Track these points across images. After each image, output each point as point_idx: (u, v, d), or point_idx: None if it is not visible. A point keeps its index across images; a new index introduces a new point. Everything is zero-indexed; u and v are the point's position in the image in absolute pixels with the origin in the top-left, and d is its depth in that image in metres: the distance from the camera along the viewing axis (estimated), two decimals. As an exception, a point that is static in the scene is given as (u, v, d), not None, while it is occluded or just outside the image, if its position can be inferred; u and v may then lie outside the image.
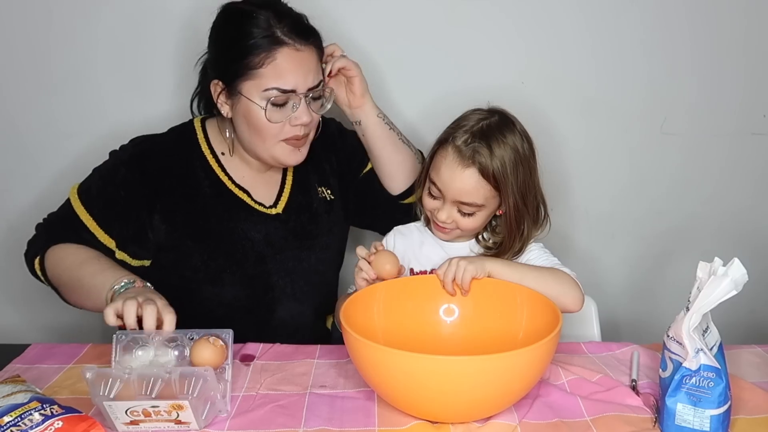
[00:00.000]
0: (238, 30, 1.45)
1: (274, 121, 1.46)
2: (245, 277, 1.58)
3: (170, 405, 1.11)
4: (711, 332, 1.17)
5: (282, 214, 1.62)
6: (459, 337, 1.40)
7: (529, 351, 1.12)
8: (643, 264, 2.14)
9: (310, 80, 1.47)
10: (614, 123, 2.00)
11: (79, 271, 1.44)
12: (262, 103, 1.45)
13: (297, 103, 1.47)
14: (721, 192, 2.08)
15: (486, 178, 1.40)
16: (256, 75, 1.44)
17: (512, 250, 1.50)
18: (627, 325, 2.16)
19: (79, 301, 1.47)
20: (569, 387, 1.29)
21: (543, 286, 1.35)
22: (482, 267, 1.36)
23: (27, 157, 1.96)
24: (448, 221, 1.46)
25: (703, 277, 1.12)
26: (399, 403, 1.20)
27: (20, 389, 1.16)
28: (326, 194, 1.69)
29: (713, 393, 1.10)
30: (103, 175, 1.56)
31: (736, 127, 2.02)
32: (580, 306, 1.39)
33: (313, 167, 1.67)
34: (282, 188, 1.64)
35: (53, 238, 1.52)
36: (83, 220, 1.52)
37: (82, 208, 1.52)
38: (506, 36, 1.92)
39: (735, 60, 1.96)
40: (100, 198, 1.53)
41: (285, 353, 1.43)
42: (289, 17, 1.46)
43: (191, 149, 1.60)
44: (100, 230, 1.51)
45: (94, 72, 1.89)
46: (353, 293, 1.38)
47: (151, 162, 1.56)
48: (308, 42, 1.47)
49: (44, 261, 1.50)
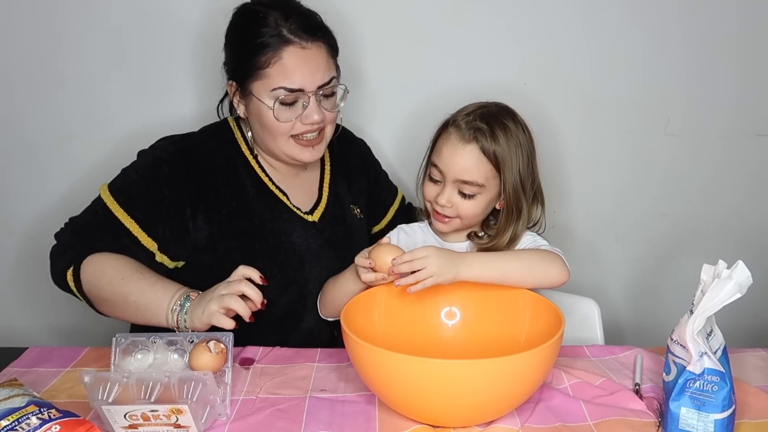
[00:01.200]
0: (247, 30, 1.46)
1: (283, 121, 1.47)
2: (285, 281, 1.55)
3: (169, 409, 1.11)
4: (715, 335, 1.17)
5: (318, 223, 1.62)
6: (460, 340, 1.40)
7: (532, 354, 1.12)
8: (647, 266, 2.14)
9: (319, 78, 1.47)
10: (617, 124, 2.01)
11: (125, 287, 1.37)
12: (270, 102, 1.46)
13: (306, 102, 1.47)
14: (726, 193, 2.08)
15: (487, 155, 1.42)
16: (264, 75, 1.45)
17: (506, 236, 1.49)
18: (630, 328, 2.16)
19: (122, 316, 1.41)
20: (572, 391, 1.29)
21: (527, 270, 1.36)
22: (453, 273, 1.32)
23: (31, 157, 1.97)
24: (448, 205, 1.45)
25: (707, 280, 1.12)
26: (400, 407, 1.20)
27: (17, 393, 1.16)
28: (356, 212, 1.70)
29: (717, 397, 1.10)
30: (143, 175, 1.50)
31: (740, 128, 2.02)
32: (567, 276, 1.39)
33: (346, 185, 1.70)
34: (319, 198, 1.65)
35: (88, 246, 1.43)
36: (124, 223, 1.45)
37: (122, 211, 1.45)
38: (509, 37, 1.93)
39: (738, 60, 1.97)
40: (142, 199, 1.47)
41: (285, 357, 1.43)
42: (296, 15, 1.47)
43: (231, 148, 1.59)
44: (143, 233, 1.45)
45: (98, 73, 1.90)
46: None
47: (195, 160, 1.53)
48: (315, 39, 1.47)
49: (79, 273, 1.41)
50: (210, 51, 1.62)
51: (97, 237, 1.44)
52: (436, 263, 1.30)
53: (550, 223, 1.56)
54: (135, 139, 1.62)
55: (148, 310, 1.35)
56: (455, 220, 1.48)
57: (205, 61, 1.86)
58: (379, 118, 1.96)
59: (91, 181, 1.60)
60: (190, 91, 1.91)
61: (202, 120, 1.68)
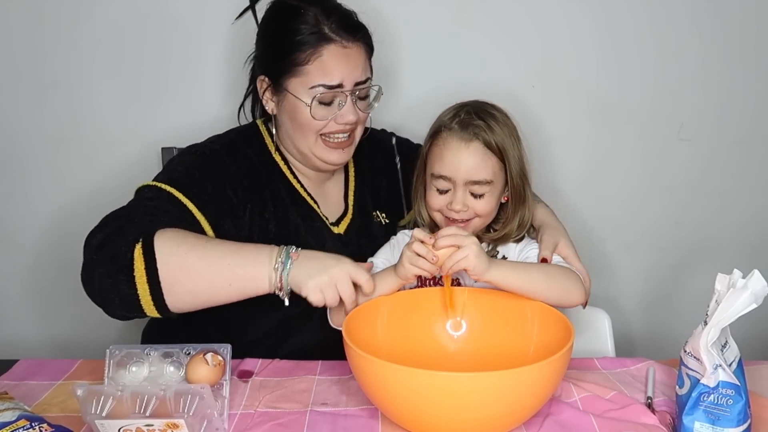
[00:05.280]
0: (286, 26, 1.47)
1: (319, 119, 1.48)
2: None
3: (165, 423, 1.12)
4: (730, 347, 1.17)
5: (344, 236, 1.63)
6: (467, 352, 1.40)
7: (540, 367, 1.12)
8: (659, 275, 2.14)
9: (357, 75, 1.49)
10: (628, 128, 2.01)
11: (214, 249, 1.31)
12: (308, 100, 1.47)
13: (343, 101, 1.49)
14: (742, 201, 2.08)
15: (491, 149, 1.44)
16: (303, 72, 1.46)
17: (515, 223, 1.51)
18: (642, 339, 2.16)
19: (209, 289, 1.31)
20: (582, 404, 1.29)
21: (553, 283, 1.37)
22: (485, 266, 1.31)
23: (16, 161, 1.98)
24: (464, 209, 1.46)
25: (722, 290, 1.12)
26: (404, 422, 1.20)
27: (8, 407, 1.16)
28: (381, 218, 1.70)
29: (732, 411, 1.10)
30: (197, 164, 1.47)
31: (758, 133, 2.03)
32: (584, 300, 1.41)
33: (369, 191, 1.70)
34: (345, 210, 1.66)
35: (155, 221, 1.33)
36: (190, 209, 1.41)
37: (187, 200, 1.41)
38: (517, 40, 1.94)
39: (757, 61, 1.97)
40: (200, 186, 1.44)
41: (284, 369, 1.43)
42: (337, 13, 1.48)
43: (264, 153, 1.60)
44: (208, 225, 1.43)
45: (89, 77, 1.91)
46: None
47: (239, 157, 1.54)
48: (356, 38, 1.49)
49: (152, 245, 1.28)
50: (204, 54, 1.63)
51: (162, 217, 1.35)
52: (476, 249, 1.30)
53: (558, 230, 1.56)
54: (126, 145, 1.63)
55: (246, 272, 1.29)
56: (474, 221, 1.49)
57: (199, 65, 1.88)
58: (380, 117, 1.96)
59: (80, 186, 1.61)
60: (183, 96, 1.92)
61: (195, 125, 1.69)
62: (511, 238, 1.53)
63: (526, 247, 1.53)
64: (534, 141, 1.56)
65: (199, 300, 1.32)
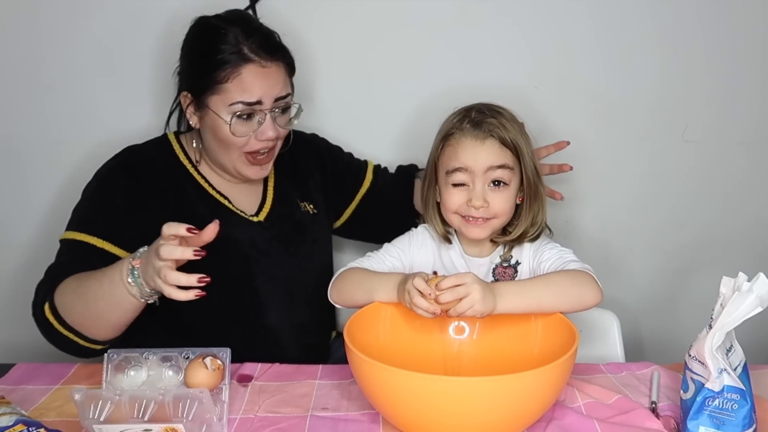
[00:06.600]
0: (208, 45, 1.53)
1: (239, 135, 1.53)
2: (229, 279, 1.58)
3: (164, 428, 1.12)
4: (735, 351, 1.17)
5: (264, 222, 1.68)
6: (469, 356, 1.41)
7: (544, 372, 1.12)
8: (664, 279, 2.14)
9: (276, 92, 1.54)
10: (632, 130, 2.01)
11: (85, 288, 1.41)
12: (227, 117, 1.52)
13: (262, 119, 1.54)
14: (747, 203, 2.08)
15: (506, 145, 1.45)
16: (223, 89, 1.51)
17: (528, 221, 1.51)
18: (646, 343, 2.16)
19: (104, 322, 1.42)
20: (585, 409, 1.30)
21: (564, 296, 1.35)
22: (492, 305, 1.29)
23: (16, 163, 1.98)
24: (484, 204, 1.44)
25: (727, 293, 1.12)
26: (406, 426, 1.20)
27: (4, 411, 1.17)
28: (308, 208, 1.76)
29: (737, 416, 1.10)
30: (89, 196, 1.60)
31: (763, 135, 2.02)
32: (601, 296, 1.38)
33: (294, 184, 1.76)
34: (264, 200, 1.71)
35: (57, 278, 1.47)
36: (89, 242, 1.52)
37: (85, 235, 1.53)
38: (519, 40, 1.94)
39: (763, 62, 1.97)
40: (99, 216, 1.55)
41: (285, 373, 1.43)
42: (258, 34, 1.54)
43: (171, 158, 1.67)
44: (109, 243, 1.53)
45: (87, 78, 1.91)
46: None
47: (138, 167, 1.62)
48: (275, 59, 1.54)
49: (54, 304, 1.44)
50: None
51: (65, 269, 1.49)
52: (479, 294, 1.27)
53: (562, 233, 1.56)
54: (124, 146, 1.64)
55: (114, 296, 1.37)
56: (492, 221, 1.48)
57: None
58: (382, 117, 1.97)
59: (78, 189, 1.62)
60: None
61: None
62: (527, 238, 1.52)
63: (540, 248, 1.52)
64: (538, 143, 1.56)
65: (113, 329, 1.44)
